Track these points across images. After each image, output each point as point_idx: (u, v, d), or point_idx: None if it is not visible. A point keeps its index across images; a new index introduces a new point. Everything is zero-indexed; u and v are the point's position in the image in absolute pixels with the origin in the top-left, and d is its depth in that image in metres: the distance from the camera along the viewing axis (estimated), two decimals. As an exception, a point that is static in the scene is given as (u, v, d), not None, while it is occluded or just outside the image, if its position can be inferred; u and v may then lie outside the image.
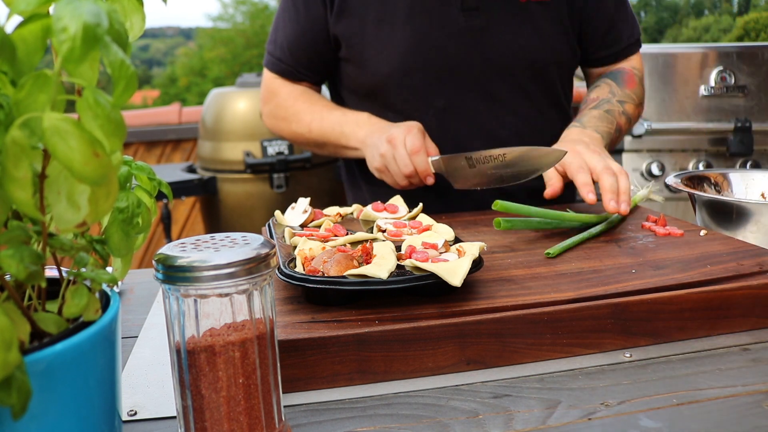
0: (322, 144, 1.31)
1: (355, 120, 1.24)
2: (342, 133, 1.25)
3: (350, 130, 1.23)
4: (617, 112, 1.25)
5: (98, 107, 0.36)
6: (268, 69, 1.37)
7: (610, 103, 1.26)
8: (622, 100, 1.27)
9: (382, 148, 1.14)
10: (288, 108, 1.34)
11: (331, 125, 1.26)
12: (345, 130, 1.24)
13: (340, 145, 1.27)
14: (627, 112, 1.27)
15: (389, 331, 0.65)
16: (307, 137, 1.32)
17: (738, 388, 0.62)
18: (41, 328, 0.43)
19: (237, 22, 22.30)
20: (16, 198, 0.35)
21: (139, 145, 3.66)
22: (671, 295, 0.73)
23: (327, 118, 1.27)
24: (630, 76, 1.32)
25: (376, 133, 1.18)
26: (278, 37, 1.35)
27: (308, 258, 0.74)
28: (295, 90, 1.35)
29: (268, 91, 1.38)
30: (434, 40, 1.23)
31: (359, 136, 1.22)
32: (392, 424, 0.58)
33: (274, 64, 1.36)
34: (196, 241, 0.51)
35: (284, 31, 1.33)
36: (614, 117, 1.24)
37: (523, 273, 0.80)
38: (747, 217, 0.99)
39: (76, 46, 0.34)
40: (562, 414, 0.59)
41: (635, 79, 1.32)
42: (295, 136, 1.35)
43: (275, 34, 1.36)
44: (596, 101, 1.27)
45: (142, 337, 0.81)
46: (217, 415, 0.50)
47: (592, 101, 1.27)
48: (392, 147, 1.12)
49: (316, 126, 1.28)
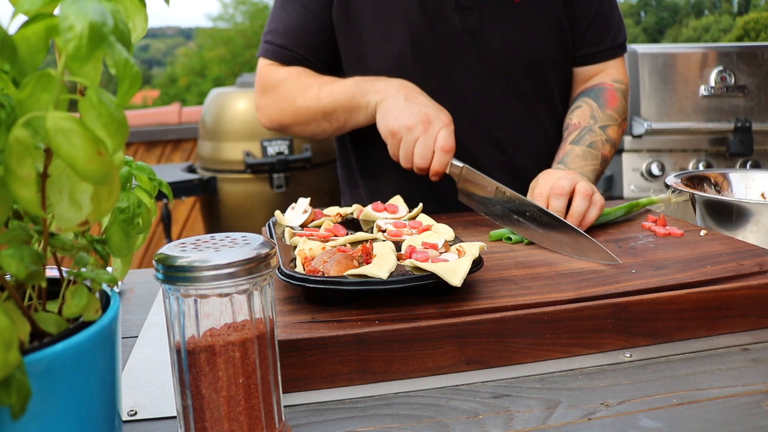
0: (331, 111, 1.22)
1: (374, 77, 1.19)
2: (357, 90, 1.17)
3: (369, 84, 1.16)
4: (600, 142, 1.23)
5: (102, 106, 0.36)
6: (268, 57, 1.30)
7: (592, 133, 1.24)
8: (605, 124, 1.25)
9: (411, 120, 1.07)
10: (290, 86, 1.26)
11: (345, 87, 1.19)
12: (361, 86, 1.17)
13: (352, 106, 1.19)
14: (610, 139, 1.25)
15: (389, 331, 0.65)
16: (313, 108, 1.23)
17: (738, 388, 0.62)
18: (41, 328, 0.43)
19: (237, 22, 22.32)
20: (21, 197, 0.35)
21: (139, 145, 3.66)
22: (671, 295, 0.73)
23: (339, 83, 1.21)
24: (611, 93, 1.30)
25: (405, 91, 1.12)
26: (278, 26, 1.30)
27: (308, 258, 0.75)
28: (295, 69, 1.28)
29: (265, 80, 1.31)
30: (429, 38, 1.23)
31: (378, 86, 1.15)
32: (392, 424, 0.58)
33: (276, 52, 1.29)
34: (196, 241, 0.52)
35: (286, 18, 1.28)
36: (598, 150, 1.22)
37: (523, 273, 0.80)
38: (747, 217, 0.99)
39: (82, 45, 0.34)
40: (562, 414, 0.59)
41: (617, 95, 1.30)
42: (300, 115, 1.26)
43: (274, 23, 1.31)
44: (578, 129, 1.25)
45: (142, 337, 0.81)
46: (217, 415, 0.50)
47: (573, 128, 1.26)
48: (423, 129, 1.07)
49: (326, 93, 1.21)
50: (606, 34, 1.33)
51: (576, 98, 1.34)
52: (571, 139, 1.24)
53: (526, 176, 1.21)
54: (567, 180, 1.02)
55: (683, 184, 1.12)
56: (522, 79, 1.28)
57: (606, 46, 1.34)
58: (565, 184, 1.01)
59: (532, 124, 1.31)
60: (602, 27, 1.33)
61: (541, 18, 1.26)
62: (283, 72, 1.29)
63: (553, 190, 1.01)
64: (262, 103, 1.33)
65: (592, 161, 1.21)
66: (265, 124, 1.34)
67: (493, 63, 1.25)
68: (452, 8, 1.22)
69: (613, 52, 1.34)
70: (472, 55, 1.24)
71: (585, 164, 1.20)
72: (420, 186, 1.22)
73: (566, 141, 1.25)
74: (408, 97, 1.11)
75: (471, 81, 1.25)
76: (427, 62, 1.24)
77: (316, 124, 1.26)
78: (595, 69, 1.35)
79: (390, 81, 1.16)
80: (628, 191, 2.40)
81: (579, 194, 1.00)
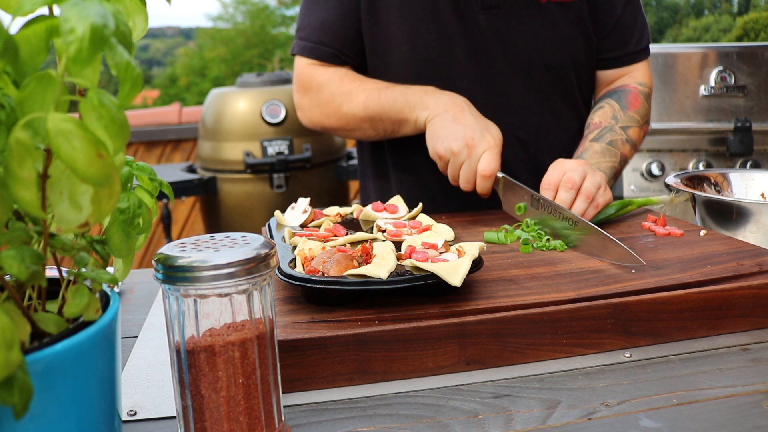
0: (378, 120, 1.23)
1: (423, 90, 1.19)
2: (405, 103, 1.18)
3: (418, 99, 1.17)
4: (620, 141, 1.23)
5: (102, 108, 0.36)
6: (304, 56, 1.29)
7: (613, 132, 1.23)
8: (626, 125, 1.25)
9: (456, 145, 1.09)
10: (335, 91, 1.26)
11: (393, 97, 1.20)
12: (410, 99, 1.18)
13: (400, 119, 1.20)
14: (631, 139, 1.25)
15: (389, 331, 0.65)
16: (360, 116, 1.24)
17: (738, 388, 0.62)
18: (41, 328, 0.43)
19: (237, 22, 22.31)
20: (21, 198, 0.35)
21: (139, 145, 3.66)
22: (671, 295, 0.73)
23: (386, 92, 1.21)
24: (634, 95, 1.29)
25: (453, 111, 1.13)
26: (312, 21, 1.28)
27: (308, 258, 0.75)
28: (338, 71, 1.27)
29: (307, 80, 1.29)
30: (455, 36, 1.23)
31: (428, 103, 1.16)
32: (392, 424, 0.58)
33: (313, 49, 1.28)
34: (196, 241, 0.52)
35: (321, 13, 1.27)
36: (617, 148, 1.22)
37: (523, 273, 0.80)
38: (747, 217, 0.99)
39: (83, 47, 0.34)
40: (562, 414, 0.59)
41: (639, 98, 1.29)
42: (344, 120, 1.27)
43: (307, 18, 1.29)
44: (599, 128, 1.25)
45: (142, 337, 0.81)
46: (216, 415, 0.50)
47: (595, 127, 1.26)
48: (468, 154, 1.09)
49: (373, 101, 1.21)
50: (630, 38, 1.33)
51: (599, 100, 1.34)
52: (591, 137, 1.24)
53: None
54: (578, 173, 1.03)
55: (683, 184, 1.13)
56: (546, 79, 1.28)
57: (630, 50, 1.33)
58: (575, 177, 1.02)
59: (555, 124, 1.32)
60: (626, 31, 1.32)
61: (566, 19, 1.26)
62: (324, 74, 1.28)
63: (564, 182, 1.02)
64: (303, 104, 1.32)
65: (610, 158, 1.21)
66: (306, 124, 1.34)
67: (518, 62, 1.25)
68: (478, 7, 1.23)
69: (636, 56, 1.34)
70: (496, 54, 1.25)
71: (603, 161, 1.20)
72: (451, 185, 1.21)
73: (586, 139, 1.25)
74: (456, 117, 1.12)
75: (495, 80, 1.26)
76: (451, 60, 1.24)
77: (362, 131, 1.28)
78: (619, 72, 1.35)
79: (439, 97, 1.16)
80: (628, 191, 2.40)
81: (581, 194, 1.02)
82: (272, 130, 2.77)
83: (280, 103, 2.79)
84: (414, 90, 1.20)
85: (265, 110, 2.77)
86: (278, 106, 2.79)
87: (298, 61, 1.31)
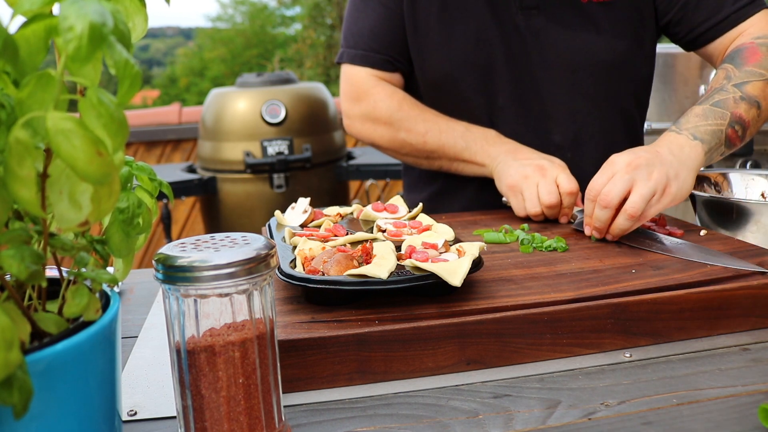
0: (437, 157, 1.25)
1: (483, 136, 1.20)
2: (466, 148, 1.20)
3: (479, 147, 1.19)
4: (731, 100, 1.05)
5: (102, 106, 0.36)
6: (356, 64, 1.28)
7: (722, 92, 1.06)
8: (741, 81, 1.07)
9: (527, 170, 1.10)
10: (392, 113, 1.25)
11: (454, 138, 1.21)
12: (471, 146, 1.20)
13: (460, 159, 1.22)
14: (748, 95, 1.06)
15: (389, 331, 0.65)
16: (418, 148, 1.25)
17: (738, 388, 0.62)
18: (41, 328, 0.43)
19: (236, 22, 22.32)
20: (21, 197, 0.35)
21: (139, 145, 3.66)
22: (671, 295, 0.73)
23: (447, 131, 1.21)
24: (751, 50, 1.11)
25: (514, 153, 1.15)
26: (362, 28, 1.27)
27: (308, 258, 0.75)
28: (396, 93, 1.27)
29: (360, 90, 1.28)
30: (493, 37, 1.21)
31: (490, 152, 1.18)
32: (392, 424, 0.58)
33: (364, 57, 1.27)
34: (196, 241, 0.52)
35: (367, 20, 1.26)
36: (726, 109, 1.04)
37: (523, 273, 0.80)
38: (747, 217, 0.99)
39: (82, 45, 0.34)
40: (562, 414, 0.59)
41: (759, 50, 1.11)
42: (399, 145, 1.27)
43: (354, 26, 1.28)
44: (708, 93, 1.08)
45: (142, 337, 0.81)
46: (217, 415, 0.50)
47: (704, 95, 1.10)
48: (541, 175, 1.08)
49: (434, 137, 1.22)
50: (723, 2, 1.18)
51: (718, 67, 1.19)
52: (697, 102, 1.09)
53: None
54: (623, 183, 0.91)
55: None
56: (588, 82, 1.24)
57: (726, 12, 1.18)
58: (615, 191, 0.91)
59: (598, 130, 1.27)
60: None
61: (609, 18, 1.21)
62: (380, 91, 1.27)
63: (600, 198, 0.92)
64: (353, 113, 1.31)
65: (714, 120, 1.02)
66: (353, 134, 1.34)
67: (557, 65, 1.22)
68: (516, 8, 1.21)
69: (739, 15, 1.17)
70: (535, 56, 1.22)
71: (703, 123, 1.02)
72: None
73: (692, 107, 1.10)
74: (516, 156, 1.15)
75: (532, 82, 1.23)
76: (490, 62, 1.22)
77: (415, 159, 1.30)
78: (729, 37, 1.19)
79: (498, 147, 1.18)
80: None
81: (624, 212, 0.90)
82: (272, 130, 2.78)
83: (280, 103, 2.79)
84: (475, 134, 1.21)
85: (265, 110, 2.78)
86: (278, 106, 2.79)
87: (349, 69, 1.30)
